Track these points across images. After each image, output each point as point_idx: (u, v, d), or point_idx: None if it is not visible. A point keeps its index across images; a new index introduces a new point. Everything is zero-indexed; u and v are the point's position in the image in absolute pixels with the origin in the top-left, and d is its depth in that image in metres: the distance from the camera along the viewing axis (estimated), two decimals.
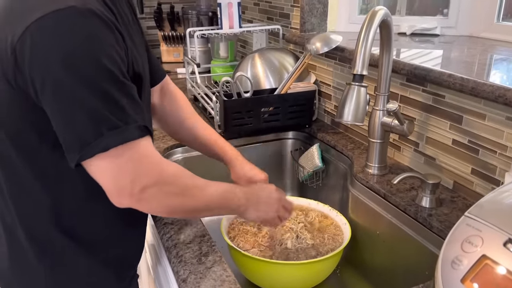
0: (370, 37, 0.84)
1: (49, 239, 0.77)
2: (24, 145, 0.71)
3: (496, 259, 0.47)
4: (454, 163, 1.01)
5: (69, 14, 0.61)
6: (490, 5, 1.34)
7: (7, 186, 0.75)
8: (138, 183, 0.66)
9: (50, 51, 0.60)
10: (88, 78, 0.61)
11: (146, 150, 0.68)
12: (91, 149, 0.63)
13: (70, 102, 0.62)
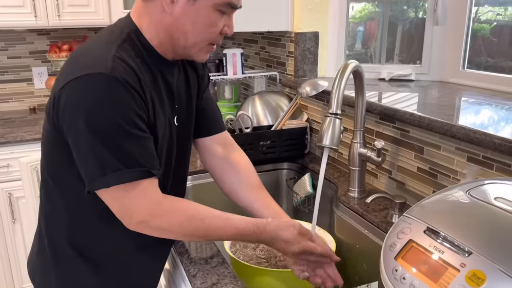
0: (342, 85, 1.06)
1: (63, 250, 0.95)
2: (56, 173, 0.92)
3: (418, 242, 0.66)
4: (419, 186, 1.21)
5: (97, 79, 0.77)
6: (456, 55, 1.58)
7: (44, 202, 0.96)
8: (136, 217, 0.83)
9: (76, 105, 0.78)
10: (102, 132, 0.78)
11: (145, 189, 0.82)
12: (96, 184, 0.80)
13: (85, 147, 0.79)
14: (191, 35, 0.88)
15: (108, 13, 2.31)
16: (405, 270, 0.65)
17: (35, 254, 1.01)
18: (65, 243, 0.94)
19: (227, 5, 0.86)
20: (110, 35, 0.87)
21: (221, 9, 0.87)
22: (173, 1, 0.84)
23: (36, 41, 2.52)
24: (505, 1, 1.67)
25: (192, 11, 0.85)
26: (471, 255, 0.59)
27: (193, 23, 0.86)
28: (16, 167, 2.04)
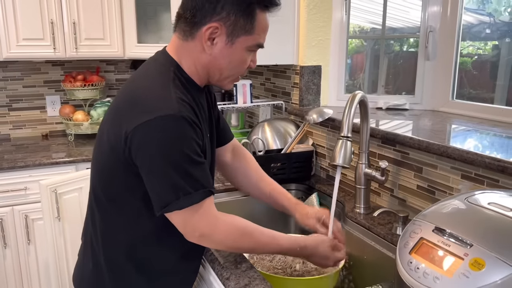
0: (352, 112, 1.22)
1: (121, 265, 1.06)
2: (115, 197, 1.03)
3: (428, 239, 0.80)
4: (419, 202, 1.35)
5: (167, 120, 0.89)
6: (445, 87, 1.76)
7: (99, 222, 1.07)
8: (197, 231, 0.96)
9: (151, 143, 0.90)
10: (174, 162, 0.91)
11: (207, 208, 0.96)
12: (171, 207, 0.93)
13: (160, 177, 0.92)
14: (226, 71, 1.02)
15: (122, 46, 2.47)
16: (419, 262, 0.78)
17: (89, 271, 1.10)
18: (123, 259, 1.05)
19: (256, 46, 1.01)
20: (160, 75, 0.99)
21: (252, 49, 1.01)
22: (213, 43, 0.97)
23: (50, 71, 2.66)
24: (485, 36, 1.88)
25: (229, 52, 0.98)
26: (472, 247, 0.74)
27: (229, 62, 1.00)
28: (34, 190, 2.15)
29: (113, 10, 2.42)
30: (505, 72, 1.81)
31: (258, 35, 0.99)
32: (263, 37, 1.02)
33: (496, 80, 1.82)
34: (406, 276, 0.79)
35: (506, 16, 1.87)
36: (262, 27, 0.99)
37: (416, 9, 2.00)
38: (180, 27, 1.00)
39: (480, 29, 1.89)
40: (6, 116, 2.62)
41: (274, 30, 1.88)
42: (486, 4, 1.91)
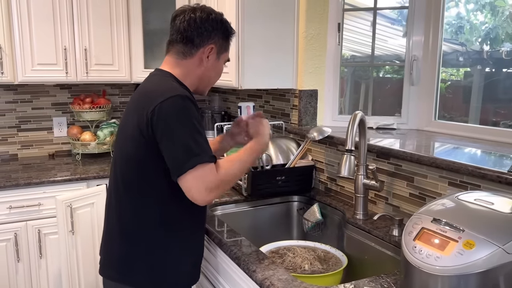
0: (354, 129, 1.42)
1: (156, 238, 1.28)
2: (145, 174, 1.25)
3: (428, 227, 0.99)
4: (412, 208, 1.55)
5: (176, 98, 1.18)
6: (428, 108, 1.99)
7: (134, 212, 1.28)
8: (208, 187, 1.17)
9: (165, 116, 1.17)
10: (184, 129, 1.16)
11: (212, 169, 1.19)
12: (185, 168, 1.16)
13: (175, 142, 1.16)
14: (213, 80, 1.39)
15: (129, 71, 2.64)
16: (421, 246, 0.97)
17: (129, 253, 1.30)
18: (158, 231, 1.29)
19: (228, 59, 1.41)
20: (164, 79, 1.28)
21: (226, 61, 1.40)
22: (208, 58, 1.32)
23: (58, 94, 2.80)
24: (458, 64, 2.13)
25: (216, 64, 1.36)
26: (464, 232, 0.93)
27: (216, 73, 1.37)
28: (47, 206, 2.26)
29: (121, 38, 2.60)
30: (478, 96, 2.06)
31: (227, 53, 1.39)
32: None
33: (470, 103, 2.07)
34: (412, 258, 0.97)
35: (477, 45, 2.13)
36: (229, 48, 1.40)
37: (394, 38, 2.26)
38: (176, 49, 1.32)
39: (454, 57, 2.15)
40: (15, 137, 2.74)
41: (275, 58, 2.10)
42: (459, 34, 2.17)
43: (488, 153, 1.53)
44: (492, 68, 2.05)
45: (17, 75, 2.38)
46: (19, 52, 2.36)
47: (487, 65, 2.09)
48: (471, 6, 2.13)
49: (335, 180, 1.94)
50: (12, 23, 2.33)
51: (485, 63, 2.09)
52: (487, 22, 2.08)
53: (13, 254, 2.22)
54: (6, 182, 2.19)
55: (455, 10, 2.12)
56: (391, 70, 2.37)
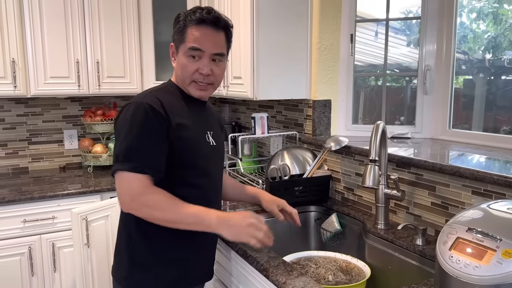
0: (378, 139, 1.43)
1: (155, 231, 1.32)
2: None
3: (464, 237, 0.99)
4: (433, 217, 1.56)
5: (132, 105, 1.25)
6: (443, 117, 2.00)
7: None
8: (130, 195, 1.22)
9: (117, 122, 1.28)
10: (125, 134, 1.22)
11: (135, 180, 1.21)
12: (111, 169, 1.25)
13: (116, 144, 1.25)
14: (183, 76, 1.33)
15: (141, 83, 2.65)
16: (458, 255, 0.98)
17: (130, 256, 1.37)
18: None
19: (190, 50, 1.29)
20: (151, 88, 1.38)
21: (189, 54, 1.30)
22: (173, 58, 1.36)
23: (69, 107, 2.81)
24: (459, 71, 2.14)
25: (179, 59, 1.33)
26: (502, 241, 0.94)
27: (180, 68, 1.32)
28: (61, 219, 2.25)
29: (133, 50, 2.61)
30: (480, 104, 2.08)
31: (189, 42, 1.29)
32: (197, 42, 1.29)
33: (472, 110, 2.08)
34: (449, 268, 0.97)
35: (480, 54, 2.15)
36: (193, 36, 1.29)
37: (396, 47, 2.28)
38: None
39: (456, 66, 2.17)
40: (26, 150, 2.73)
41: (289, 69, 2.12)
42: (463, 43, 2.19)
43: (506, 161, 1.54)
44: (494, 76, 2.07)
45: (30, 89, 2.39)
46: (32, 66, 2.37)
47: (489, 73, 2.12)
48: (474, 15, 2.16)
49: (353, 190, 1.94)
50: (25, 37, 2.34)
51: (487, 71, 2.11)
52: (489, 31, 2.11)
53: (27, 268, 2.21)
54: (21, 195, 2.18)
55: (458, 19, 2.14)
56: (389, 79, 2.40)
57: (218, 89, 2.35)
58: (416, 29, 2.30)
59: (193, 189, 1.34)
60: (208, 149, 1.39)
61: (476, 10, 2.13)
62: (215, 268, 1.57)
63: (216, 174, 1.45)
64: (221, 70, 1.36)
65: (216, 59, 1.33)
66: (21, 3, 2.32)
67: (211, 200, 1.40)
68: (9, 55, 2.31)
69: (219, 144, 1.47)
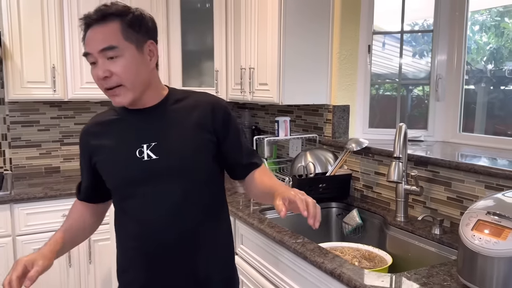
0: (401, 139, 1.60)
1: None
2: None
3: (484, 219, 1.16)
4: (450, 210, 1.73)
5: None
6: (454, 122, 2.18)
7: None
8: None
9: None
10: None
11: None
12: None
13: None
14: None
15: None
16: (480, 234, 1.14)
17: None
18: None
19: (84, 56, 1.15)
20: None
21: (89, 62, 1.15)
22: None
23: (98, 110, 2.98)
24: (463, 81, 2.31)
25: None
26: None
27: None
28: None
29: (161, 58, 2.79)
30: (482, 111, 2.25)
31: (84, 49, 1.15)
32: (85, 47, 1.14)
33: (474, 118, 2.25)
34: (473, 245, 1.14)
35: (482, 64, 2.33)
36: (85, 44, 1.15)
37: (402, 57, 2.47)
38: None
39: None
40: (58, 150, 2.90)
41: (311, 77, 2.30)
42: (467, 54, 2.37)
43: None
44: (495, 85, 2.25)
45: (68, 93, 2.56)
46: (69, 72, 2.55)
47: (490, 83, 2.30)
48: (477, 28, 2.35)
49: (372, 188, 2.11)
50: (65, 45, 2.52)
51: (489, 81, 2.29)
52: (491, 43, 2.30)
53: (66, 260, 2.36)
54: (62, 191, 2.34)
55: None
56: (390, 87, 2.59)
57: (242, 94, 2.54)
58: (421, 41, 2.50)
59: (123, 214, 1.26)
60: (138, 166, 1.19)
61: (479, 23, 2.32)
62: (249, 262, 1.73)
63: (157, 193, 1.19)
64: (121, 66, 1.11)
65: (110, 56, 1.11)
66: (61, 14, 2.50)
67: (149, 225, 1.21)
68: (49, 62, 2.49)
69: (172, 154, 1.20)
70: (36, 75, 2.48)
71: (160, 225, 1.21)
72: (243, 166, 1.33)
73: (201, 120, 1.23)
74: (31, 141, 2.84)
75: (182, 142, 1.21)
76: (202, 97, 1.29)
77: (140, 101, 1.20)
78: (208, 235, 1.27)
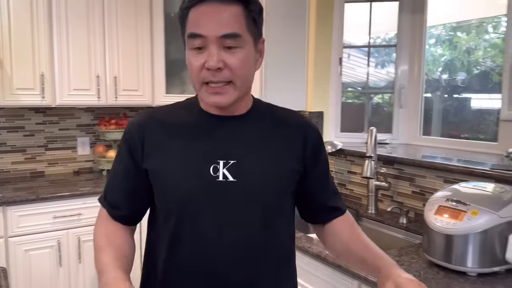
0: (373, 140, 1.84)
1: None
2: None
3: (444, 205, 1.41)
4: (414, 202, 1.98)
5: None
6: (415, 126, 2.46)
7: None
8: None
9: None
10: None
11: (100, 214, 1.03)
12: None
13: None
14: (192, 81, 0.95)
15: (152, 96, 2.98)
16: (441, 217, 1.39)
17: None
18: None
19: (190, 39, 0.91)
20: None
21: (192, 46, 0.91)
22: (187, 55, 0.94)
23: (82, 116, 3.08)
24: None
25: (187, 59, 0.94)
26: (470, 205, 1.36)
27: (189, 67, 0.94)
28: (86, 215, 2.52)
29: (145, 67, 2.94)
30: (438, 116, 2.55)
31: (188, 29, 0.92)
32: (194, 26, 0.90)
33: (431, 123, 2.55)
34: (436, 226, 1.39)
35: (437, 74, 2.64)
36: (192, 21, 0.91)
37: (362, 67, 2.74)
38: None
39: None
40: (43, 155, 2.98)
41: (289, 86, 2.52)
42: (425, 66, 2.67)
43: (467, 160, 2.00)
44: (449, 94, 2.56)
45: (56, 99, 2.66)
46: (58, 79, 2.65)
47: (445, 92, 2.60)
48: (433, 41, 2.66)
49: (345, 185, 2.35)
50: (54, 53, 2.63)
51: (444, 90, 2.60)
52: (445, 55, 2.61)
53: (56, 260, 2.46)
54: (52, 194, 2.44)
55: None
56: (352, 95, 2.86)
57: None
58: (383, 53, 2.78)
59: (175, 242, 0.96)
60: (210, 187, 0.94)
61: (435, 37, 2.62)
62: None
63: (229, 222, 0.95)
64: (239, 59, 0.90)
65: (228, 45, 0.89)
66: (51, 24, 2.60)
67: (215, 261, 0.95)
68: (39, 69, 2.59)
69: (252, 178, 0.96)
70: (25, 82, 2.57)
71: (229, 264, 0.95)
72: (326, 209, 1.10)
73: (290, 143, 1.02)
74: (16, 146, 2.90)
75: (265, 166, 0.98)
76: (292, 115, 1.07)
77: (232, 106, 0.97)
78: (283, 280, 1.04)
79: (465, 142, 2.22)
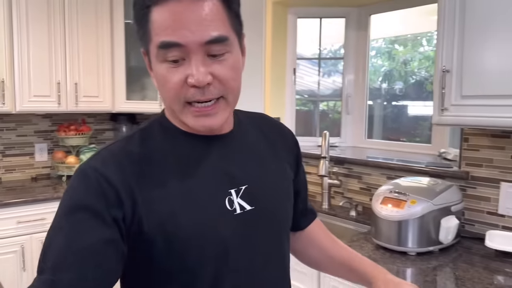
0: (327, 143, 2.07)
1: None
2: None
3: (388, 196, 1.65)
4: (362, 197, 2.24)
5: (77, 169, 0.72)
6: (360, 131, 2.74)
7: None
8: None
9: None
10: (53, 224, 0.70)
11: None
12: None
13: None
14: (165, 100, 0.75)
15: (112, 102, 3.05)
16: (385, 206, 1.63)
17: None
18: None
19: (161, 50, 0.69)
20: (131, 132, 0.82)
21: (165, 59, 0.70)
22: (150, 69, 0.75)
23: (40, 122, 3.09)
24: None
25: (155, 72, 0.73)
26: (409, 196, 1.61)
27: (159, 86, 0.74)
28: (50, 220, 2.55)
29: (106, 74, 3.01)
30: (379, 122, 2.85)
31: (158, 37, 0.69)
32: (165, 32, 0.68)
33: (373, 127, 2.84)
34: (382, 214, 1.62)
35: (378, 83, 2.94)
36: (160, 25, 0.69)
37: (310, 76, 3.00)
38: None
39: None
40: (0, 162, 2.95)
41: (249, 95, 2.71)
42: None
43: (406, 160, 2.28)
44: (389, 101, 2.87)
45: (16, 106, 2.68)
46: (18, 85, 2.67)
47: (385, 99, 2.91)
48: (374, 53, 2.96)
49: None
50: (14, 60, 2.65)
51: (384, 98, 2.91)
52: (384, 65, 2.92)
53: (19, 264, 2.47)
54: (16, 199, 2.46)
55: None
56: (300, 103, 3.11)
57: None
58: (329, 63, 3.05)
59: None
60: (234, 229, 0.76)
61: (375, 49, 2.92)
62: None
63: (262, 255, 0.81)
64: (229, 68, 0.73)
65: (214, 53, 0.70)
66: (11, 31, 2.62)
67: None
68: None
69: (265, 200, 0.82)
70: None
71: None
72: (305, 213, 1.03)
73: (281, 152, 0.91)
74: None
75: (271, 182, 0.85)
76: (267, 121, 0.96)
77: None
78: None
79: (403, 144, 2.52)
